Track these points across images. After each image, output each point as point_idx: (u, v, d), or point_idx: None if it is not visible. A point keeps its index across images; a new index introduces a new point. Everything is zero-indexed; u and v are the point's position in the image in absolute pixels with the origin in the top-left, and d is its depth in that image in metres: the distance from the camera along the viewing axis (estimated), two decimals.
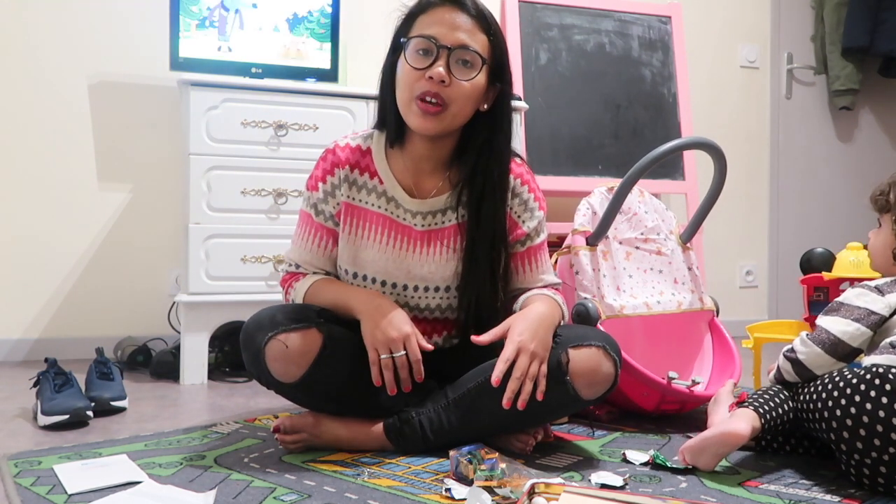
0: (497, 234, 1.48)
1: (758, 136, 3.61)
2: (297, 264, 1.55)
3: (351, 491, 1.24)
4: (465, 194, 1.48)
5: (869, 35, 3.46)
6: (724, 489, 1.27)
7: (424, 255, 1.50)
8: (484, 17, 1.42)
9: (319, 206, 1.50)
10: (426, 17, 1.40)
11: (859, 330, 1.34)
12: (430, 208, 1.49)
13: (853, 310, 1.37)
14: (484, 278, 1.47)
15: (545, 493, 1.09)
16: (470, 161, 1.47)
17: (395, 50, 1.45)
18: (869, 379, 1.19)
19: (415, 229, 1.49)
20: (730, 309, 3.33)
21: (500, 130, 1.47)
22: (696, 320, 1.93)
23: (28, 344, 2.56)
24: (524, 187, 1.54)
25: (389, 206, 1.49)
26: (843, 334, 1.35)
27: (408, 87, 1.39)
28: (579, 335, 1.41)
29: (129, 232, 2.65)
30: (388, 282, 1.50)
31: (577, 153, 2.95)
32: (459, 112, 1.41)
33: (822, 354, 1.36)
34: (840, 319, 1.37)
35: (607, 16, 3.08)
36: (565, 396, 1.38)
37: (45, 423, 1.66)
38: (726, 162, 1.83)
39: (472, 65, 1.39)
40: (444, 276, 1.50)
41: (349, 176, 1.48)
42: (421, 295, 1.51)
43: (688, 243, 1.97)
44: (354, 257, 1.50)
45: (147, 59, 2.61)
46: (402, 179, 1.49)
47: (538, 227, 1.55)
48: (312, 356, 1.37)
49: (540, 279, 1.56)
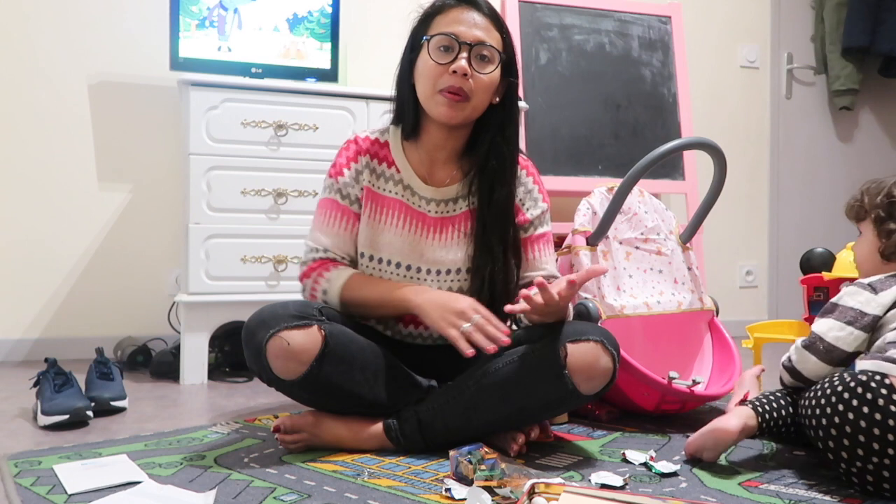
0: (508, 217, 1.56)
1: (758, 136, 3.61)
2: (326, 248, 1.56)
3: (351, 491, 1.24)
4: (476, 181, 1.57)
5: (869, 35, 3.46)
6: (724, 489, 1.27)
7: (437, 239, 1.56)
8: (496, 16, 1.53)
9: (345, 189, 1.56)
10: (444, 17, 1.50)
11: (852, 334, 1.33)
12: (444, 196, 1.57)
13: (846, 311, 1.35)
14: (496, 260, 1.54)
15: (545, 493, 1.09)
16: (483, 149, 1.56)
17: (412, 49, 1.54)
18: (853, 387, 1.19)
19: (429, 216, 1.57)
20: (730, 309, 3.34)
21: (511, 120, 1.57)
22: (695, 320, 1.93)
23: (28, 344, 2.56)
24: (529, 178, 1.63)
25: (406, 194, 1.57)
26: (837, 340, 1.33)
27: (431, 80, 1.48)
28: (578, 330, 1.42)
29: (129, 232, 2.65)
30: (403, 264, 1.55)
31: (577, 153, 2.95)
32: (479, 103, 1.51)
33: (818, 363, 1.35)
34: (833, 323, 1.35)
35: (607, 16, 3.08)
36: (563, 391, 1.39)
37: (45, 423, 1.66)
38: (726, 162, 1.83)
39: (490, 59, 1.50)
40: (455, 260, 1.56)
41: (370, 163, 1.57)
42: (434, 278, 1.55)
43: (688, 243, 1.97)
44: (373, 240, 1.56)
45: (147, 59, 2.62)
46: (418, 169, 1.58)
47: (541, 216, 1.63)
48: (314, 354, 1.37)
49: (541, 268, 1.61)
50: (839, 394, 1.20)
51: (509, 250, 1.56)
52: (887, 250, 1.40)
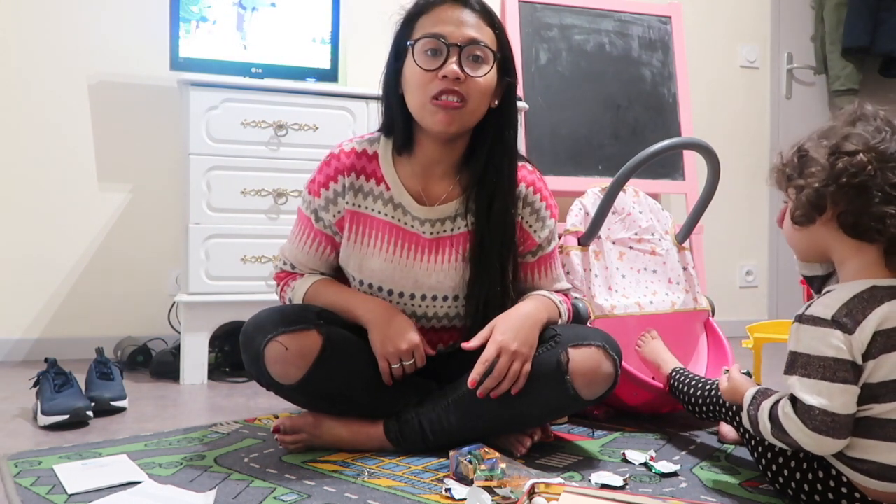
0: (507, 234, 1.45)
1: (758, 136, 3.61)
2: (293, 265, 1.55)
3: (351, 491, 1.24)
4: (474, 196, 1.45)
5: (869, 35, 3.46)
6: (724, 489, 1.27)
7: (433, 263, 1.47)
8: (488, 11, 1.41)
9: (319, 213, 1.48)
10: (429, 17, 1.38)
11: (848, 391, 1.05)
12: (440, 215, 1.46)
13: (818, 367, 1.05)
14: (493, 283, 1.44)
15: (545, 493, 1.09)
16: (482, 159, 1.44)
17: (397, 56, 1.42)
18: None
19: (423, 237, 1.46)
20: (730, 309, 3.33)
21: (509, 126, 1.45)
22: (690, 320, 1.92)
23: (28, 344, 2.56)
24: (536, 196, 1.50)
25: (396, 213, 1.46)
26: (844, 407, 1.04)
27: (420, 89, 1.36)
28: (579, 335, 1.41)
29: (129, 232, 2.65)
30: (395, 291, 1.48)
31: (577, 153, 2.95)
32: (476, 109, 1.39)
33: (830, 441, 1.05)
34: (822, 387, 1.05)
35: (607, 16, 3.08)
36: (565, 396, 1.38)
37: (45, 423, 1.66)
38: (719, 162, 1.83)
39: (484, 60, 1.37)
40: (452, 286, 1.47)
41: (354, 183, 1.45)
42: (429, 304, 1.49)
43: (684, 243, 1.97)
44: (360, 266, 1.48)
45: (147, 59, 2.61)
46: (410, 186, 1.46)
47: (549, 236, 1.54)
48: (312, 358, 1.36)
49: (548, 287, 1.55)
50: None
51: (507, 273, 1.46)
52: (796, 211, 1.13)
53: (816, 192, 1.09)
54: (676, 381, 1.55)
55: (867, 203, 1.06)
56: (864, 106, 1.12)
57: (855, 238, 1.09)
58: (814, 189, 1.09)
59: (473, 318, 1.46)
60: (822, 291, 1.18)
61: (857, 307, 1.07)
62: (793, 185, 1.14)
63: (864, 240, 1.09)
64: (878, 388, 1.06)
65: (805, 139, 1.14)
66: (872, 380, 1.06)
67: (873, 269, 1.10)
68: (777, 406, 1.10)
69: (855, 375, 1.05)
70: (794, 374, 1.08)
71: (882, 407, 1.06)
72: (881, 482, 1.08)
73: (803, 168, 1.12)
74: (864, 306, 1.06)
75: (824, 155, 1.09)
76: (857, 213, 1.07)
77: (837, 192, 1.07)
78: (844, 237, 1.10)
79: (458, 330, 1.53)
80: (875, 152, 1.06)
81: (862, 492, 1.10)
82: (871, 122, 1.10)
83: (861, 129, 1.09)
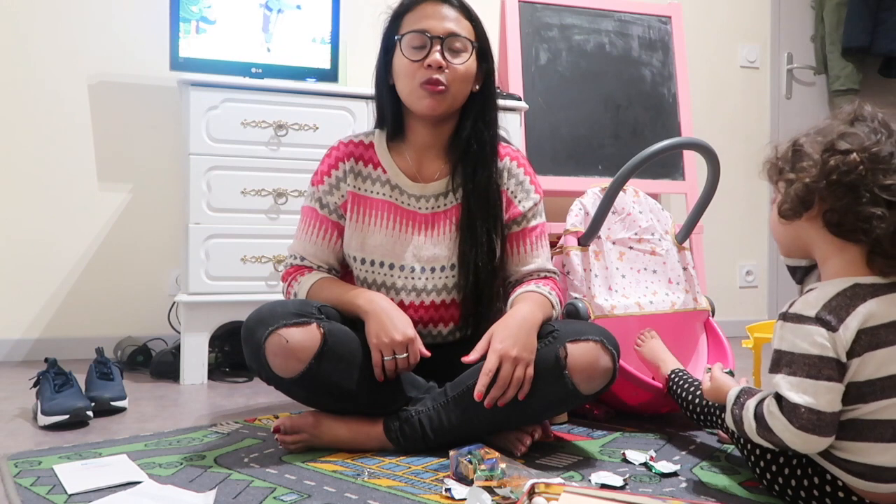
0: (491, 201, 1.56)
1: (758, 136, 3.61)
2: (302, 257, 1.60)
3: (351, 491, 1.24)
4: (460, 167, 1.57)
5: (869, 35, 3.46)
6: (724, 489, 1.27)
7: (430, 236, 1.57)
8: (465, 6, 1.56)
9: (324, 198, 1.58)
10: (414, 14, 1.52)
11: (833, 388, 1.04)
12: (434, 192, 1.58)
13: (803, 365, 1.05)
14: (480, 246, 1.54)
15: (545, 493, 1.09)
16: (465, 135, 1.57)
17: (386, 50, 1.57)
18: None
19: (419, 213, 1.58)
20: (730, 309, 3.34)
21: (489, 105, 1.60)
22: (690, 320, 1.92)
23: (28, 344, 2.56)
24: (520, 169, 1.63)
25: (394, 193, 1.58)
26: (830, 404, 1.04)
27: (409, 77, 1.50)
28: (577, 330, 1.43)
29: (129, 232, 2.65)
30: (396, 264, 1.56)
31: (577, 153, 2.95)
32: (458, 93, 1.53)
33: (816, 439, 1.04)
34: (808, 385, 1.04)
35: (607, 16, 3.08)
36: (564, 391, 1.39)
37: (45, 423, 1.66)
38: (719, 162, 1.83)
39: (463, 49, 1.52)
40: (448, 255, 1.57)
41: (354, 167, 1.58)
42: (428, 276, 1.56)
43: (684, 243, 1.97)
44: (362, 244, 1.57)
45: (147, 59, 2.62)
46: (405, 168, 1.59)
47: (534, 208, 1.62)
48: (312, 351, 1.38)
49: (532, 261, 1.60)
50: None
51: (495, 239, 1.55)
52: (784, 205, 1.12)
53: (806, 187, 1.09)
54: (675, 383, 1.55)
55: (855, 202, 1.06)
56: (863, 107, 1.13)
57: (838, 237, 1.09)
58: (803, 184, 1.09)
59: (465, 287, 1.55)
60: (803, 284, 1.18)
61: (840, 305, 1.06)
62: (783, 178, 1.14)
63: (847, 239, 1.09)
64: (865, 386, 1.06)
65: (802, 134, 1.15)
66: (858, 378, 1.05)
67: (854, 268, 1.10)
68: (762, 405, 1.09)
69: (839, 373, 1.04)
70: (778, 372, 1.08)
71: (869, 406, 1.06)
72: (873, 483, 1.08)
73: (796, 162, 1.12)
74: (848, 304, 1.06)
75: (818, 151, 1.09)
76: (843, 212, 1.07)
77: (826, 189, 1.08)
78: (828, 235, 1.10)
79: (456, 308, 1.58)
80: (868, 153, 1.06)
81: (845, 491, 1.11)
82: (869, 123, 1.11)
83: (858, 129, 1.09)
